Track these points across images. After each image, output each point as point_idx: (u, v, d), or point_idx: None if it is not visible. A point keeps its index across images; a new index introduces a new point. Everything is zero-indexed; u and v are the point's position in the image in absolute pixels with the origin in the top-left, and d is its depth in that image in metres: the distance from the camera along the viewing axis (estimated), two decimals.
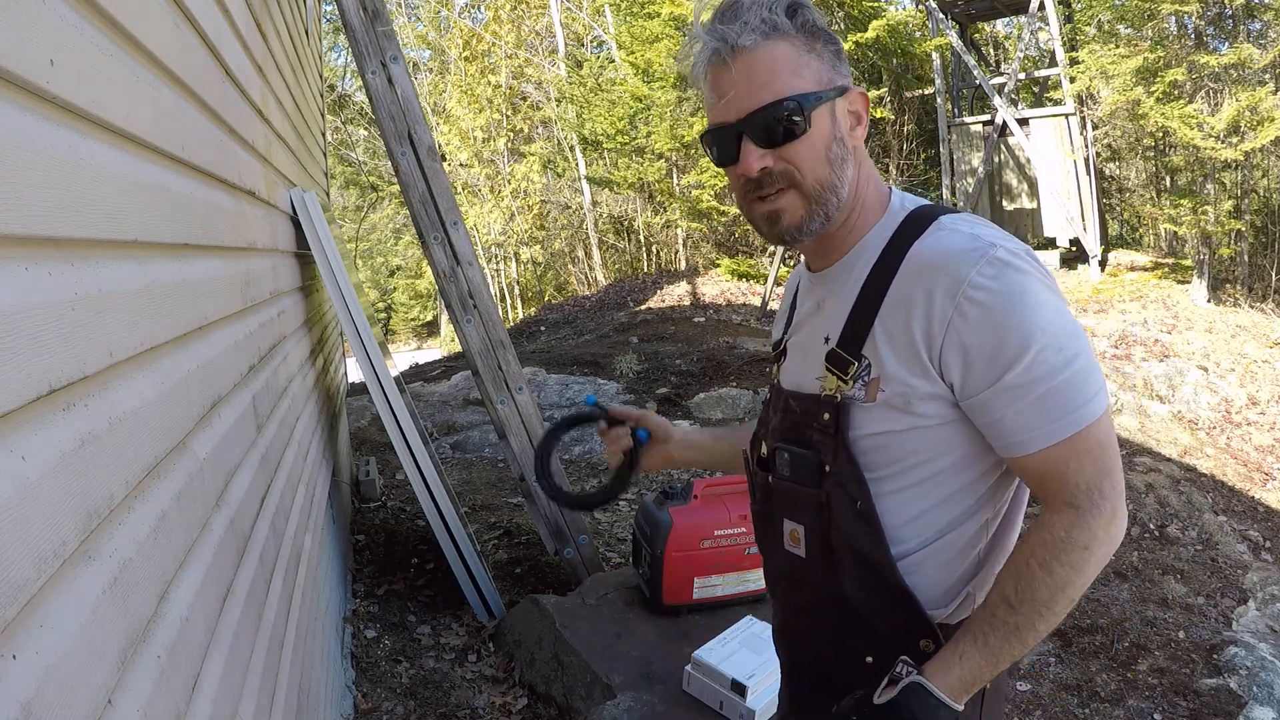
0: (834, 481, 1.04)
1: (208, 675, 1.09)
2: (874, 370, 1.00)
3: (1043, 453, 0.95)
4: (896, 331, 0.98)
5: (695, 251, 13.91)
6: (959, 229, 0.99)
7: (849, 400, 1.03)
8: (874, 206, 1.07)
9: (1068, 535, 0.95)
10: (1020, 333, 0.92)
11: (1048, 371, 0.93)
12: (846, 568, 1.06)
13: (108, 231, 0.93)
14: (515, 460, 3.31)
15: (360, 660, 2.86)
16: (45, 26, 0.78)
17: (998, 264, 0.93)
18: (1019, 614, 0.95)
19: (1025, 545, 0.98)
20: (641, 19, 11.44)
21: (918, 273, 0.97)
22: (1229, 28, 9.24)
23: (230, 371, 1.53)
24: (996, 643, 0.95)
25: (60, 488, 0.72)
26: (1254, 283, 10.98)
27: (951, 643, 0.98)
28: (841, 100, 1.02)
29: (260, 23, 2.35)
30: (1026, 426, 0.95)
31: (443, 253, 3.25)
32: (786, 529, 1.13)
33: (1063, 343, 0.93)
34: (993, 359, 0.93)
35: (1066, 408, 0.94)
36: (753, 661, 2.43)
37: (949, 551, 1.04)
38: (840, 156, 1.02)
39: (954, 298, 0.93)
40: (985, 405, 0.96)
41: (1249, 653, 3.34)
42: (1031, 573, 0.95)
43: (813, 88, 0.99)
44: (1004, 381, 0.93)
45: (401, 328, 25.80)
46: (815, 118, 0.99)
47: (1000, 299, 0.92)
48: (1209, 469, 5.43)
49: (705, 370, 6.99)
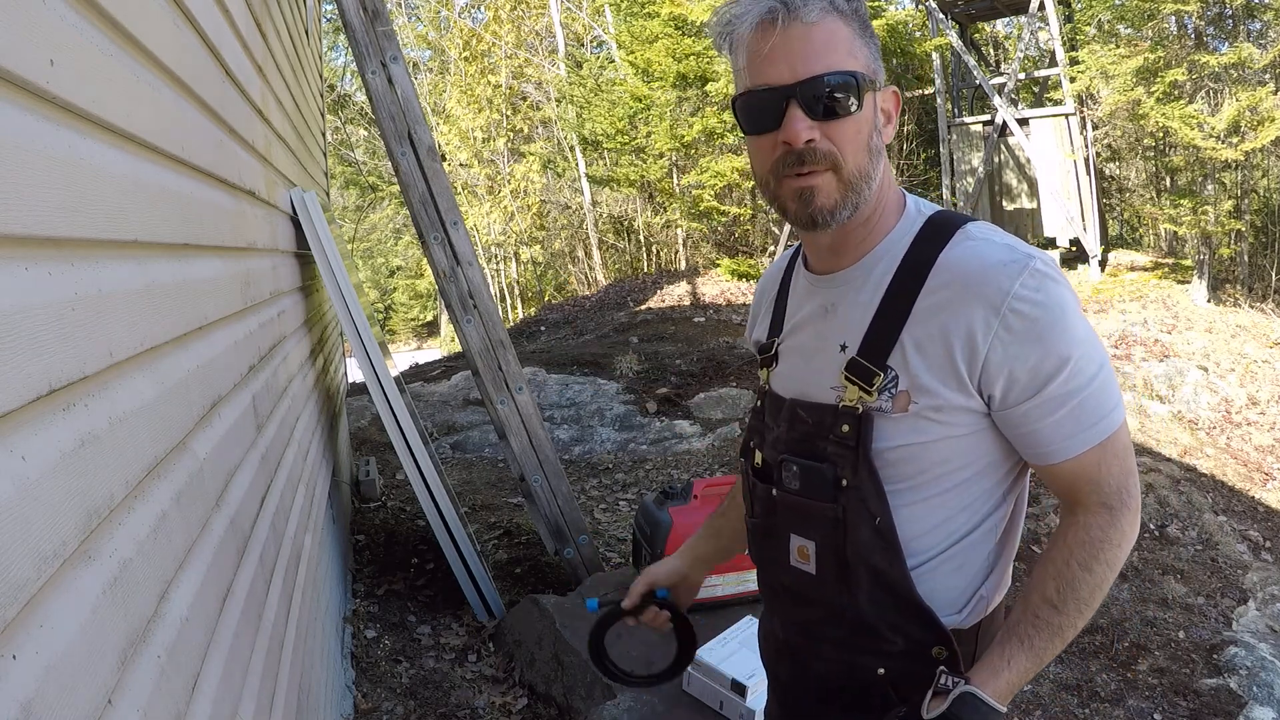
0: (852, 496, 1.01)
1: (208, 675, 1.09)
2: (903, 382, 0.98)
3: (1076, 459, 0.97)
4: (929, 343, 0.96)
5: (695, 251, 13.90)
6: (991, 239, 0.98)
7: (873, 412, 0.99)
8: (893, 210, 1.04)
9: (1104, 535, 0.97)
10: (1062, 344, 0.93)
11: (1084, 381, 0.95)
12: (861, 585, 1.03)
13: (108, 231, 0.93)
14: (515, 460, 3.31)
15: (360, 660, 2.86)
16: (45, 26, 0.78)
17: (1039, 276, 0.93)
18: (1063, 614, 0.96)
19: (1063, 546, 0.99)
20: (641, 19, 11.42)
21: (954, 283, 0.95)
22: (1229, 28, 9.24)
23: (230, 371, 1.53)
24: (1042, 644, 0.96)
25: (60, 488, 0.72)
26: (1254, 283, 10.97)
27: (996, 647, 0.98)
28: (879, 95, 1.00)
29: (260, 23, 2.35)
30: (1063, 435, 0.96)
31: (443, 253, 3.25)
32: (794, 545, 1.09)
33: (1092, 352, 0.95)
34: (1036, 371, 0.93)
35: (1098, 414, 0.96)
36: (753, 661, 2.43)
37: (962, 557, 1.03)
38: (878, 148, 1.00)
39: (999, 311, 0.92)
40: (1024, 416, 0.96)
41: (1249, 653, 3.34)
42: (1073, 573, 0.97)
43: (865, 71, 0.96)
44: (1046, 393, 0.94)
45: (401, 328, 25.79)
46: (866, 101, 0.96)
47: (1044, 311, 0.92)
48: (1209, 469, 5.43)
49: (705, 370, 6.99)
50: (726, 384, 6.59)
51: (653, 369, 7.13)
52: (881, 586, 1.02)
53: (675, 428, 5.99)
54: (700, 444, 5.75)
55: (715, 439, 5.80)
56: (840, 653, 1.09)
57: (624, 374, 7.00)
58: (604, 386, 6.71)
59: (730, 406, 6.26)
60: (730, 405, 6.27)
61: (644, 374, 7.03)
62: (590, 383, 6.78)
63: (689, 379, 6.86)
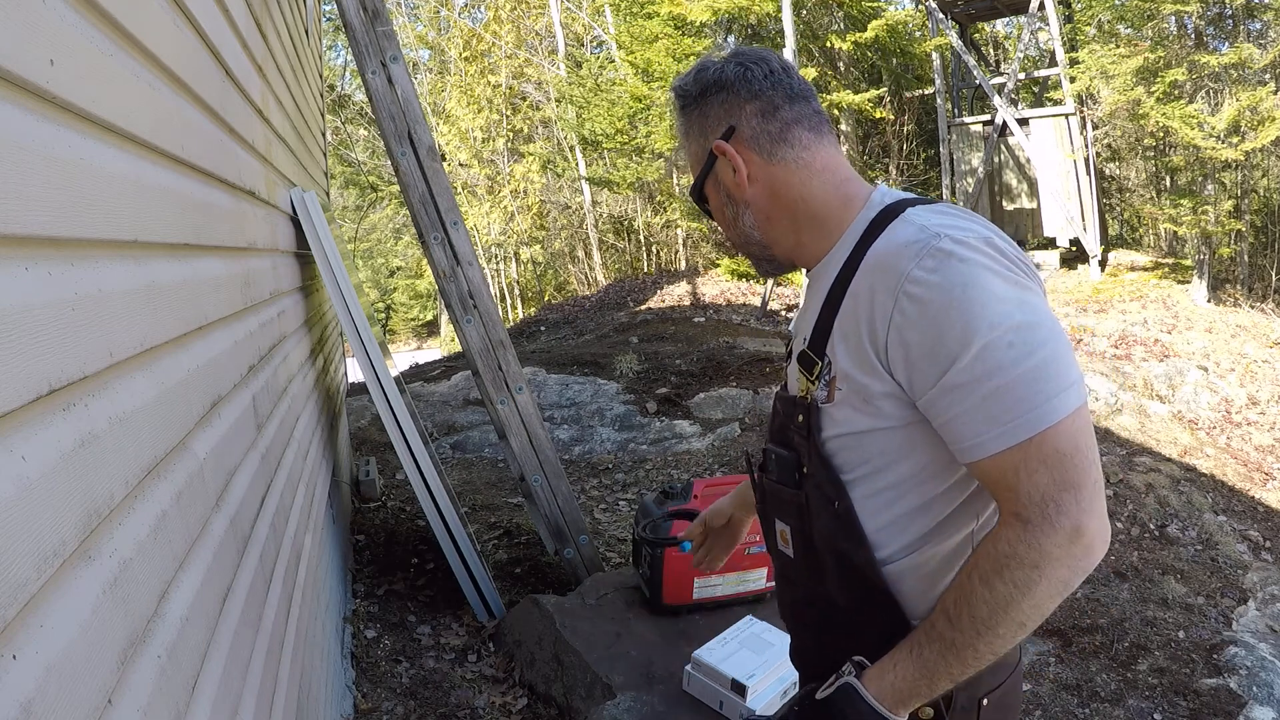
0: (811, 483, 1.04)
1: (208, 675, 1.09)
2: (834, 369, 0.99)
3: (994, 458, 0.87)
4: (849, 329, 0.97)
5: (695, 251, 13.90)
6: (913, 220, 0.95)
7: (816, 401, 1.02)
8: (839, 207, 1.05)
9: (1011, 550, 0.86)
10: (960, 327, 0.85)
11: (994, 368, 0.85)
12: (829, 567, 1.06)
13: (108, 231, 0.93)
14: (515, 460, 3.31)
15: (360, 660, 2.86)
16: (45, 26, 0.78)
17: (939, 255, 0.88)
18: (955, 629, 0.89)
19: (972, 558, 0.93)
20: (641, 19, 11.43)
21: (868, 269, 0.95)
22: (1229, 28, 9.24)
23: (230, 371, 1.53)
24: (931, 657, 0.90)
25: (60, 488, 0.72)
26: (1254, 283, 10.97)
27: (894, 648, 0.95)
28: (719, 160, 1.08)
29: (260, 23, 2.35)
30: (974, 429, 0.87)
31: (443, 253, 3.25)
32: (778, 529, 1.15)
33: (1014, 337, 0.85)
34: (933, 356, 0.87)
35: (1018, 409, 0.85)
36: (753, 661, 2.43)
37: (932, 563, 1.01)
38: (734, 215, 1.10)
39: (893, 293, 0.90)
40: (933, 405, 0.91)
41: (1249, 653, 3.34)
42: (971, 587, 0.88)
43: (696, 169, 1.11)
44: (946, 380, 0.87)
45: (401, 328, 25.79)
46: (708, 194, 1.12)
47: (938, 292, 0.87)
48: (1209, 469, 5.42)
49: (705, 370, 6.99)
50: (726, 384, 6.59)
51: (653, 369, 7.12)
52: (847, 571, 1.03)
53: (675, 428, 5.99)
54: (700, 444, 5.75)
55: (715, 439, 5.80)
56: (817, 633, 1.13)
57: (624, 374, 7.00)
58: (604, 386, 6.71)
59: (730, 406, 6.26)
60: (730, 405, 6.27)
61: (644, 374, 7.03)
62: (590, 383, 6.78)
63: (689, 379, 6.85)
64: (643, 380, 6.89)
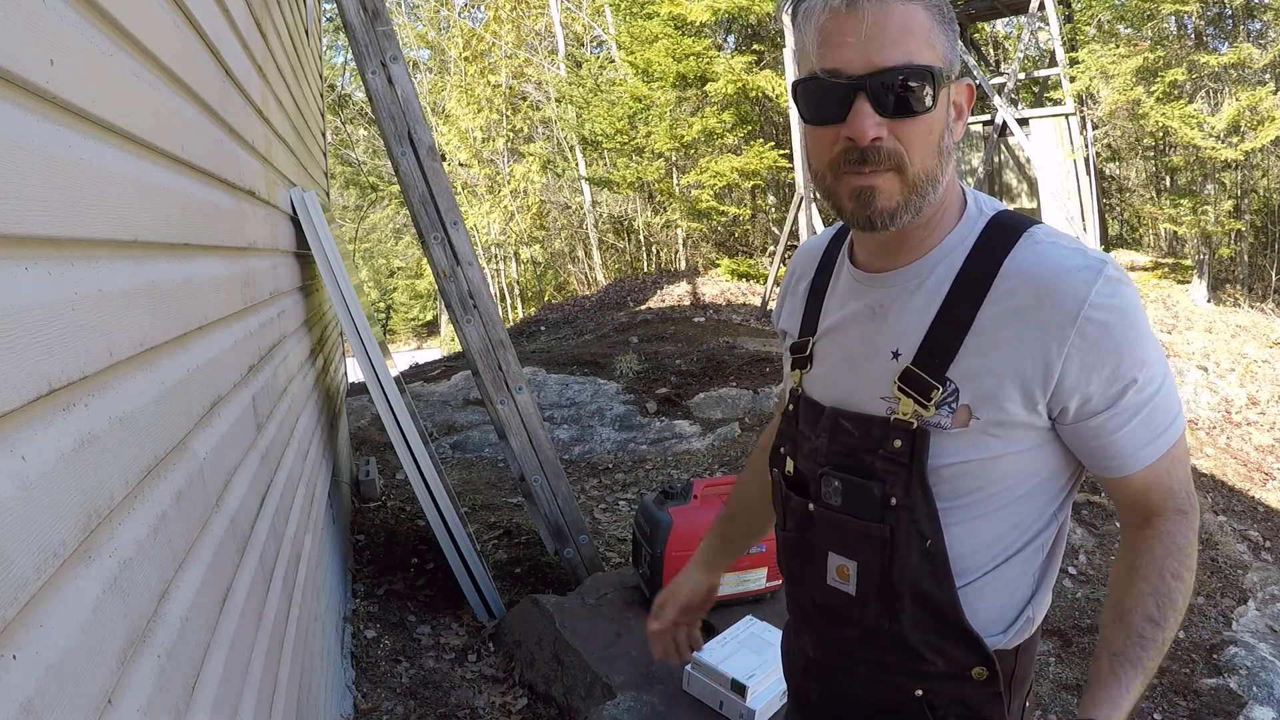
0: (902, 516, 0.95)
1: (208, 675, 1.09)
2: (964, 396, 0.91)
3: (1150, 467, 0.94)
4: (997, 354, 0.90)
5: (695, 251, 13.90)
6: (1059, 243, 0.92)
7: (929, 427, 0.93)
8: (954, 209, 0.97)
9: (1187, 540, 0.95)
10: (1137, 351, 0.89)
11: (1156, 389, 0.92)
12: (905, 609, 0.98)
13: (108, 231, 0.93)
14: (515, 460, 3.31)
15: (360, 660, 2.86)
16: (45, 26, 0.78)
17: (1113, 282, 0.88)
18: (1165, 629, 0.93)
19: (1151, 560, 0.95)
20: (641, 19, 11.43)
21: (1023, 290, 0.89)
22: (1229, 27, 9.25)
23: (230, 371, 1.53)
24: (1151, 663, 0.93)
25: (60, 488, 0.72)
26: (1254, 283, 10.97)
27: (1110, 676, 0.92)
28: (953, 88, 0.91)
29: (260, 23, 2.35)
30: (1136, 446, 0.93)
31: (443, 253, 3.25)
32: (832, 563, 1.02)
33: (1161, 356, 0.93)
34: (1113, 381, 0.89)
35: (1166, 421, 0.94)
36: (753, 661, 2.43)
37: (1010, 575, 0.99)
38: (947, 148, 0.91)
39: (1075, 319, 0.87)
40: (1099, 429, 0.92)
41: (1249, 653, 3.34)
42: (1169, 585, 0.94)
43: (941, 65, 0.87)
44: (1122, 404, 0.91)
45: (401, 328, 25.79)
46: (940, 99, 0.88)
47: (1118, 316, 0.88)
48: (1209, 469, 5.43)
49: (705, 370, 6.99)
50: (726, 384, 6.59)
51: (653, 369, 7.13)
52: (928, 611, 0.97)
53: (675, 428, 5.99)
54: (700, 444, 5.75)
55: (715, 439, 5.80)
56: (876, 674, 1.04)
57: (624, 374, 7.00)
58: (604, 386, 6.71)
59: (730, 406, 6.26)
60: (730, 405, 6.27)
61: (644, 374, 7.03)
62: (590, 383, 6.78)
63: (689, 379, 6.85)
64: (643, 380, 6.89)
